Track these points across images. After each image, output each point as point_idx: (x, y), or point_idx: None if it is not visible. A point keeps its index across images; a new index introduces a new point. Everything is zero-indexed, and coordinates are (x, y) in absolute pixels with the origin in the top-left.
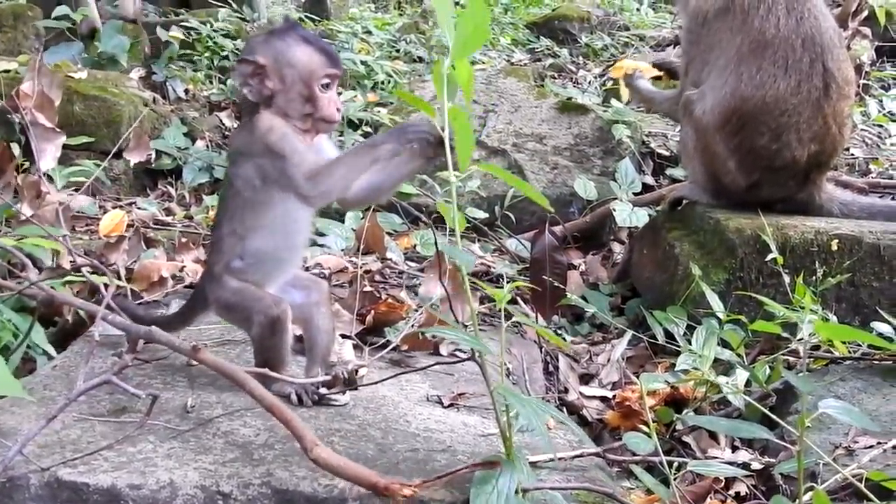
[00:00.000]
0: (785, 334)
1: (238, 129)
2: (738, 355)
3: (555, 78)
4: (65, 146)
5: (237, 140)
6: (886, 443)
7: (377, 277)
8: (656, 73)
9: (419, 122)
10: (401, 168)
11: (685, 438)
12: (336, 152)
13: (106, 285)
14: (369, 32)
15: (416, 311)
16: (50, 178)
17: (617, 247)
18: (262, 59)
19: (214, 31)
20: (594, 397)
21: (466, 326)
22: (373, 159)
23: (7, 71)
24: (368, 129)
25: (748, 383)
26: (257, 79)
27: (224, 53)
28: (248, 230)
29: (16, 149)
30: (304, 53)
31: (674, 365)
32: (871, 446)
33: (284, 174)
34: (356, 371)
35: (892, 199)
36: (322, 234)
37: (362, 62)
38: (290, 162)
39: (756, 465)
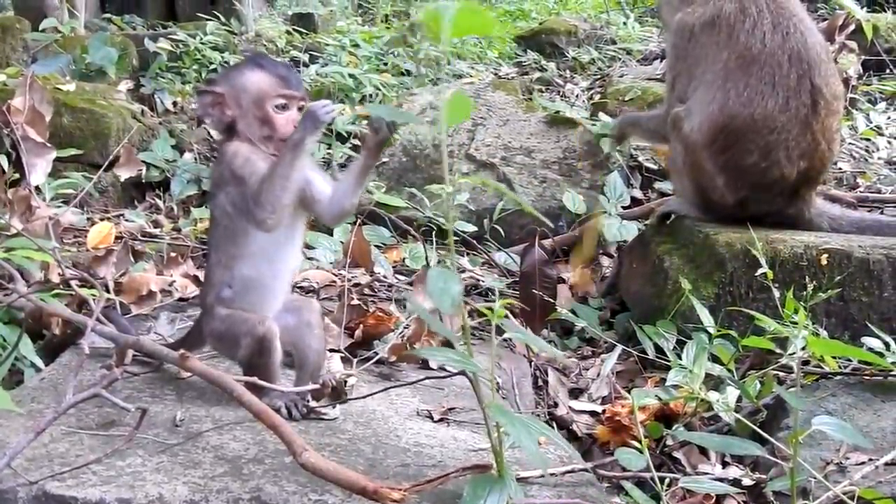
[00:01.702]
0: (777, 350)
1: (215, 158)
2: (729, 370)
3: (542, 92)
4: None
5: (212, 171)
6: (878, 459)
7: (366, 291)
8: None
9: (321, 102)
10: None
11: (675, 454)
12: (315, 170)
13: (95, 297)
14: (357, 45)
15: (405, 324)
16: (38, 190)
17: (606, 260)
18: (219, 88)
19: (202, 43)
20: (584, 412)
21: (456, 340)
22: (300, 156)
23: None
24: (357, 142)
25: (739, 398)
26: (217, 108)
27: (212, 66)
28: (232, 259)
29: (5, 162)
30: (256, 77)
31: (664, 379)
32: (862, 463)
33: (244, 198)
34: (345, 381)
35: (881, 213)
36: (311, 248)
37: (350, 75)
38: (249, 185)
39: (747, 482)
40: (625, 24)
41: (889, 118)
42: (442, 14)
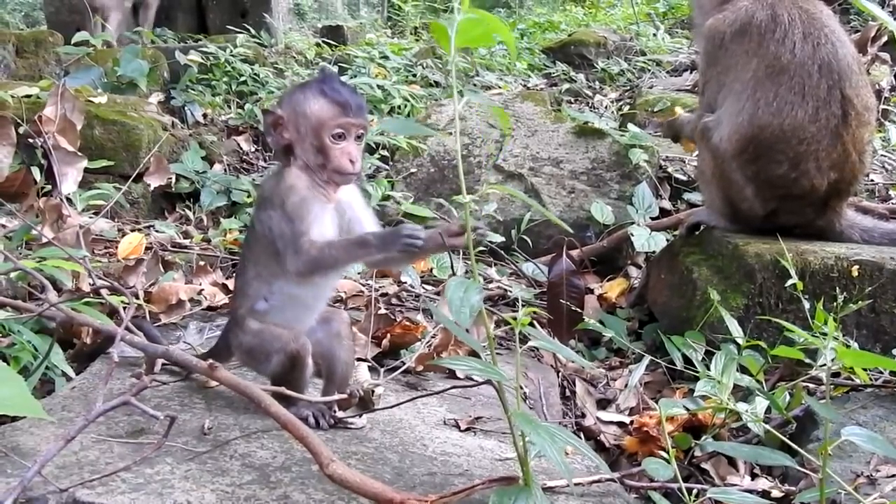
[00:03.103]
0: (806, 360)
1: (269, 176)
2: (758, 381)
3: (571, 103)
4: (84, 169)
5: (265, 186)
6: None
7: (393, 300)
8: None
9: (413, 228)
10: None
11: (704, 465)
12: (365, 209)
13: (125, 306)
14: (386, 57)
15: (432, 334)
16: (70, 201)
17: (634, 271)
18: (281, 110)
19: (232, 55)
20: (611, 422)
21: (481, 350)
22: (360, 257)
23: (28, 96)
24: (385, 153)
25: (767, 410)
26: (278, 130)
27: (242, 78)
28: (273, 275)
29: (37, 172)
30: (316, 104)
31: (692, 390)
32: (893, 475)
33: (284, 236)
34: (372, 391)
35: None
36: None
37: (379, 86)
38: (295, 228)
39: (776, 494)
40: (654, 35)
41: None
42: (448, 26)
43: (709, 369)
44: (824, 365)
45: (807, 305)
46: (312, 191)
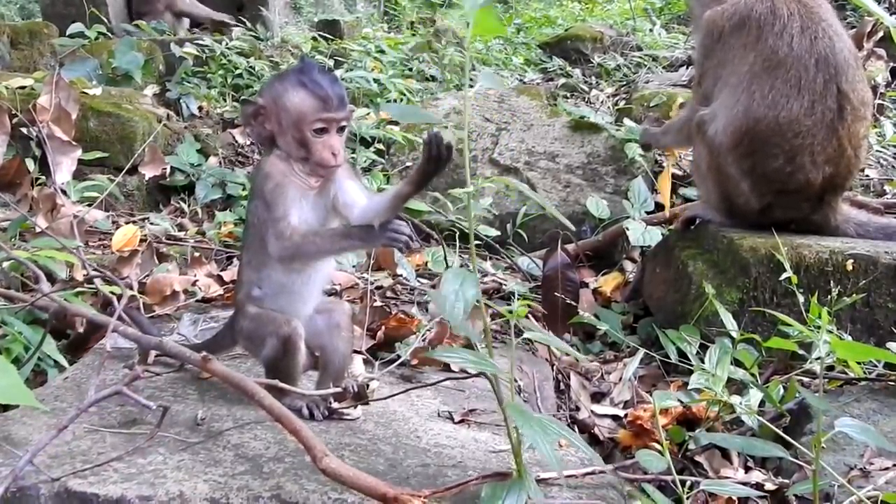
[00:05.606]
0: (800, 352)
1: (255, 165)
2: (752, 375)
3: (567, 98)
4: (79, 161)
5: (252, 176)
6: None
7: (388, 294)
8: None
9: (400, 224)
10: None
11: (698, 458)
12: (359, 188)
13: (118, 296)
14: (382, 51)
15: (427, 327)
16: (64, 193)
17: (629, 266)
18: (262, 100)
19: (228, 49)
20: (606, 416)
21: (477, 341)
22: (344, 248)
23: (23, 87)
24: (381, 147)
25: (762, 403)
26: (259, 120)
27: (238, 71)
28: (261, 263)
29: (31, 163)
30: (297, 97)
31: (686, 384)
32: (886, 468)
33: (265, 223)
34: (367, 385)
35: None
36: None
37: (375, 80)
38: (272, 214)
39: (769, 486)
40: (651, 30)
41: None
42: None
43: (703, 363)
44: (819, 358)
45: (801, 299)
46: (290, 177)
